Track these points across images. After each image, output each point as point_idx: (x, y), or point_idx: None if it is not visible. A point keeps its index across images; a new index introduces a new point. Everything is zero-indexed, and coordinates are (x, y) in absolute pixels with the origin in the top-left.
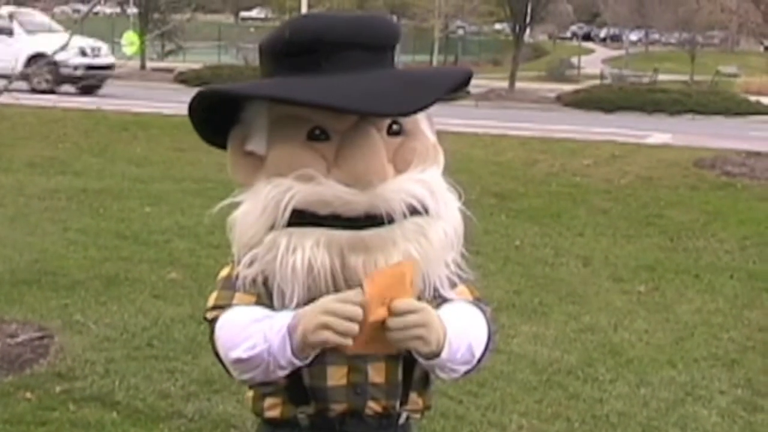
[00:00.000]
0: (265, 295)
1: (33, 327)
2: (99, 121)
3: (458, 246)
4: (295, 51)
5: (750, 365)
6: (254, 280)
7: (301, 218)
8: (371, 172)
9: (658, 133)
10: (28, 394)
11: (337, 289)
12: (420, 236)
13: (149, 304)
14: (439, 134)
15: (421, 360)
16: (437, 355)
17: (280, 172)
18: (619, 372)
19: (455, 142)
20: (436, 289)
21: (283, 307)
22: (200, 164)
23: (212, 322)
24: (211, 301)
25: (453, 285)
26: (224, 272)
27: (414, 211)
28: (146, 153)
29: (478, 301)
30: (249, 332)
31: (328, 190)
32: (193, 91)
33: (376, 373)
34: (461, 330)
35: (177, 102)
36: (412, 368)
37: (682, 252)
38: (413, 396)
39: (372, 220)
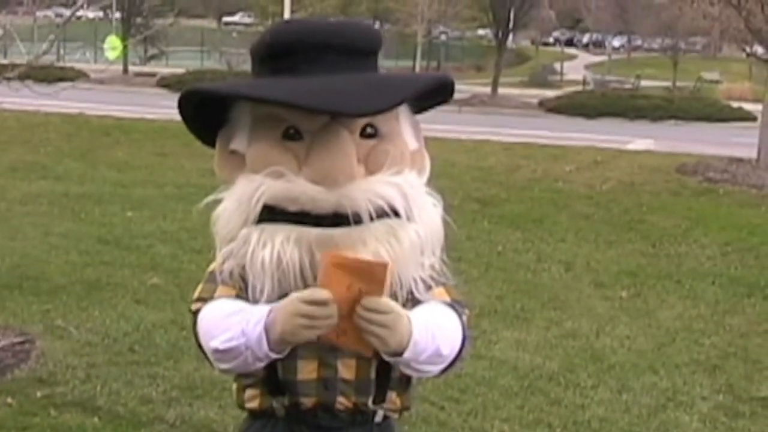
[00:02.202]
0: (243, 289)
1: (14, 332)
2: (81, 126)
3: (437, 251)
4: (275, 54)
5: (731, 371)
6: (231, 274)
7: (272, 215)
8: (337, 170)
9: (640, 138)
10: (9, 399)
11: (306, 285)
12: (391, 237)
13: (131, 309)
14: (424, 140)
15: (383, 355)
16: (399, 354)
17: (255, 169)
18: (601, 378)
19: (438, 148)
20: (410, 292)
21: (256, 301)
22: (182, 169)
23: (195, 313)
24: (195, 294)
25: (429, 288)
26: (213, 266)
27: (384, 213)
28: (128, 158)
29: (456, 303)
30: (227, 324)
31: (296, 187)
32: (176, 96)
33: (346, 369)
34: (429, 333)
35: (159, 107)
36: (389, 367)
37: (663, 258)
38: (391, 395)
39: (340, 219)
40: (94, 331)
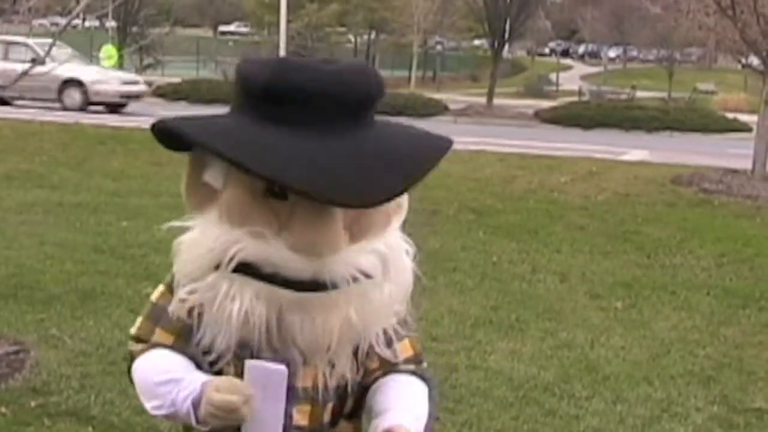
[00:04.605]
0: (191, 330)
1: (8, 341)
2: (76, 135)
3: (403, 304)
4: (268, 97)
5: (726, 382)
6: (189, 310)
7: (245, 267)
8: (321, 243)
9: (635, 149)
10: (3, 409)
11: (269, 341)
12: (362, 299)
13: (126, 319)
14: None
15: None
16: None
17: (231, 219)
18: (596, 389)
19: None
20: (371, 346)
21: (210, 346)
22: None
23: (132, 356)
24: (134, 329)
25: (390, 342)
26: (157, 293)
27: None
28: (123, 167)
29: (417, 361)
30: (157, 393)
31: (275, 253)
32: (172, 105)
33: (300, 416)
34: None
35: (155, 116)
36: (342, 410)
37: (658, 269)
38: (343, 423)
39: (316, 285)
40: (88, 340)
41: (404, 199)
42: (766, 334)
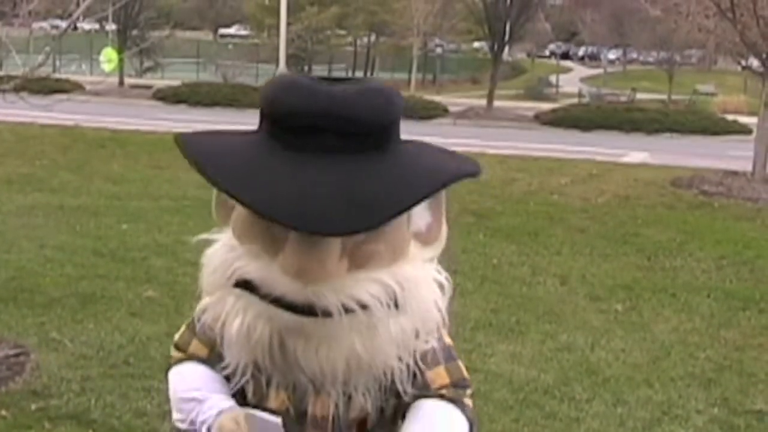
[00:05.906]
0: (219, 342)
1: (9, 344)
2: (76, 138)
3: (431, 335)
4: (268, 117)
5: (726, 384)
6: (208, 326)
7: (246, 285)
8: (309, 269)
9: (635, 152)
10: (4, 412)
11: (273, 361)
12: (368, 332)
13: (126, 322)
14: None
15: None
16: None
17: (237, 234)
18: (596, 391)
19: None
20: (393, 382)
21: (228, 362)
22: (178, 182)
23: (170, 362)
24: (177, 335)
25: (416, 375)
26: (203, 303)
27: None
28: (124, 170)
29: (456, 389)
30: (181, 408)
31: (270, 274)
32: (172, 108)
33: None
34: None
35: (155, 119)
36: None
37: (659, 271)
38: None
39: (310, 310)
40: (88, 343)
41: (435, 234)
42: (767, 336)
